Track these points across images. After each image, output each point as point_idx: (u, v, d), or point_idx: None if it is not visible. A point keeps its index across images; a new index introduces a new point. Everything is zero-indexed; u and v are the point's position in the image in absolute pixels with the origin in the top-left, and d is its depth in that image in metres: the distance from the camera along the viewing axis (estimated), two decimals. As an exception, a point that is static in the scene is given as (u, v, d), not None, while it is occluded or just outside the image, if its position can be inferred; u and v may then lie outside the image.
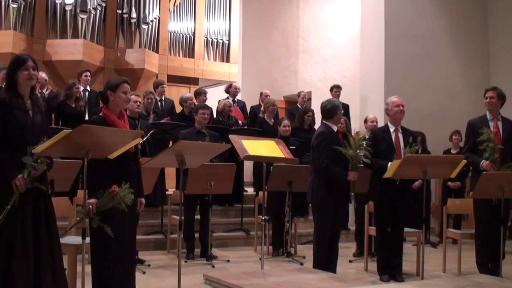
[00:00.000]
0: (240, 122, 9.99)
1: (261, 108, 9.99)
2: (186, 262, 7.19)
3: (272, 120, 9.55)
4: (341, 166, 5.87)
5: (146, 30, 11.69)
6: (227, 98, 10.46)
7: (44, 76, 9.25)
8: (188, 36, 12.55)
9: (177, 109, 10.18)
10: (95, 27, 11.08)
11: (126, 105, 5.03)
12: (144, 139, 6.61)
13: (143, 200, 4.76)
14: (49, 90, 9.08)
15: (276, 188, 7.37)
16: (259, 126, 9.31)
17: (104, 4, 11.24)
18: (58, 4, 10.78)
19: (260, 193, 7.93)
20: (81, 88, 9.03)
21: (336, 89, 10.79)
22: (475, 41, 11.67)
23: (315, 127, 8.97)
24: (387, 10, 10.77)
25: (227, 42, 12.99)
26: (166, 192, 8.72)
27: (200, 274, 6.02)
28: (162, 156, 4.95)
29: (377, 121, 8.42)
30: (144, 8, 11.73)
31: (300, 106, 10.86)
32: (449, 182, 9.19)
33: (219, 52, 12.93)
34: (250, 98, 12.15)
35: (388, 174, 5.79)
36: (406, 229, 6.50)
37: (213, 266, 7.01)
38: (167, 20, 12.16)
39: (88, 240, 4.45)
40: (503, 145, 6.17)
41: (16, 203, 3.87)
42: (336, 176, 5.89)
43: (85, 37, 10.81)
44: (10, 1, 10.24)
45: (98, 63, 11.05)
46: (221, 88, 11.75)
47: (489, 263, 6.25)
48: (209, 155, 5.72)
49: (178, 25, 12.40)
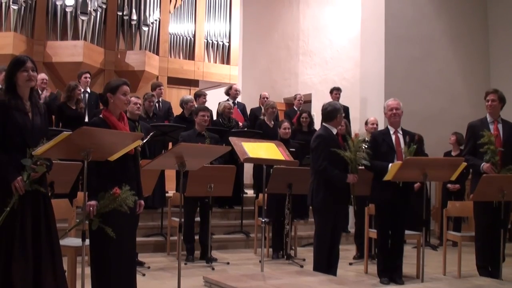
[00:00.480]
0: (240, 124, 9.99)
1: (262, 111, 9.99)
2: (186, 264, 7.18)
3: (272, 123, 9.55)
4: (340, 168, 5.85)
5: (147, 32, 11.69)
6: (227, 100, 10.47)
7: (45, 76, 9.26)
8: (189, 38, 12.56)
9: (176, 111, 10.17)
10: (96, 29, 11.09)
11: (126, 107, 5.02)
12: (144, 141, 6.61)
13: (142, 202, 4.76)
14: (48, 92, 9.05)
15: (276, 191, 7.37)
16: (259, 128, 9.31)
17: (104, 6, 11.25)
18: (59, 5, 10.78)
19: (260, 195, 7.93)
20: (82, 90, 9.03)
21: (336, 91, 10.80)
22: (475, 43, 11.68)
23: (316, 128, 8.96)
24: (387, 12, 10.77)
25: (227, 44, 12.99)
26: (166, 194, 8.73)
27: (200, 276, 6.01)
28: (162, 158, 4.96)
29: (378, 123, 8.43)
30: (144, 10, 11.74)
31: (296, 109, 10.88)
32: (448, 185, 9.18)
33: (220, 54, 12.93)
34: (250, 100, 12.15)
35: (388, 176, 5.79)
36: (406, 232, 6.48)
37: (213, 269, 7.01)
38: (167, 22, 12.17)
39: (88, 242, 4.45)
40: (504, 147, 6.17)
41: (15, 205, 3.87)
42: (334, 178, 5.87)
43: (85, 39, 10.82)
44: (11, 3, 10.25)
45: (98, 65, 11.05)
46: (221, 90, 11.75)
47: (489, 265, 6.24)
48: (209, 157, 5.72)
49: (179, 27, 12.41)
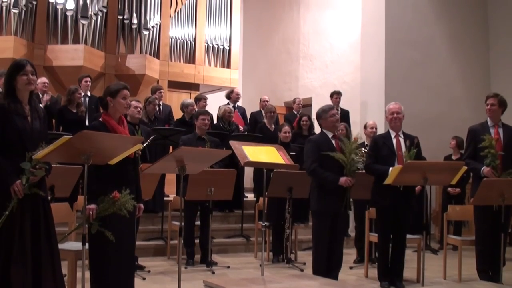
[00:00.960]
0: (241, 128, 9.99)
1: (262, 114, 10.01)
2: (186, 268, 7.17)
3: (273, 126, 9.56)
4: (334, 171, 5.80)
5: (147, 36, 11.70)
6: (228, 104, 10.47)
7: (46, 80, 9.26)
8: (189, 42, 12.58)
9: (176, 115, 10.17)
10: (96, 33, 11.10)
11: (126, 111, 5.04)
12: (145, 144, 6.61)
13: (141, 206, 4.77)
14: (49, 96, 9.05)
15: (276, 194, 7.37)
16: (260, 132, 9.31)
17: (105, 10, 11.27)
18: (59, 9, 10.80)
19: (261, 199, 7.93)
20: (82, 94, 9.03)
21: (336, 95, 10.79)
22: (475, 47, 11.68)
23: (316, 132, 8.95)
24: (388, 16, 10.78)
25: (227, 48, 13.01)
26: (166, 198, 8.72)
27: (200, 280, 5.99)
28: (162, 162, 4.95)
29: (377, 127, 8.40)
30: (145, 14, 11.75)
31: (296, 112, 10.88)
32: (449, 188, 9.18)
33: (220, 58, 12.94)
34: (251, 104, 12.16)
35: (389, 180, 5.78)
36: (406, 236, 6.48)
37: (213, 272, 7.01)
38: (168, 26, 12.18)
39: (87, 246, 4.45)
40: (504, 151, 6.17)
41: (14, 208, 3.87)
42: (325, 180, 5.83)
43: (86, 43, 10.83)
44: (11, 7, 10.28)
45: (98, 69, 11.06)
46: (222, 94, 11.76)
47: (489, 269, 6.24)
48: (209, 161, 5.72)
49: (179, 31, 12.42)
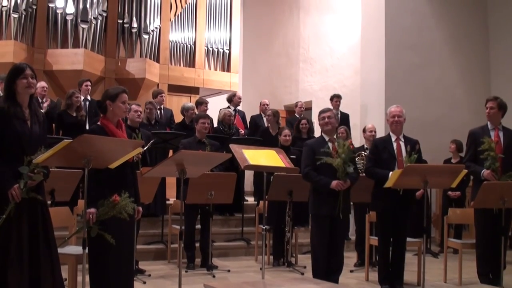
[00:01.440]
0: (242, 131, 9.99)
1: (263, 118, 10.01)
2: (186, 272, 7.17)
3: (276, 131, 9.57)
4: (329, 175, 5.80)
5: (147, 39, 11.71)
6: (228, 107, 10.47)
7: (45, 85, 9.27)
8: (189, 45, 12.58)
9: (177, 118, 10.19)
10: (96, 37, 11.11)
11: (125, 115, 5.05)
12: (145, 148, 6.61)
13: (140, 209, 4.78)
14: (48, 101, 9.05)
15: (276, 198, 7.37)
16: (261, 137, 9.30)
17: (105, 14, 11.28)
18: (59, 14, 10.81)
19: (261, 202, 7.92)
20: (82, 98, 9.04)
21: (336, 98, 10.79)
22: (476, 51, 11.69)
23: (315, 135, 8.95)
24: (387, 20, 10.80)
25: (227, 51, 13.01)
26: (167, 202, 8.72)
27: (201, 284, 5.99)
28: (162, 166, 4.95)
29: (376, 130, 8.39)
30: (145, 18, 11.76)
31: (298, 116, 10.87)
32: (449, 192, 9.18)
33: (220, 61, 12.95)
34: (251, 108, 12.16)
35: (389, 183, 5.77)
36: (407, 239, 6.47)
37: (214, 276, 7.00)
38: (168, 30, 12.19)
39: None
40: (504, 154, 6.17)
41: (11, 213, 3.86)
42: (318, 184, 5.85)
43: (86, 47, 10.84)
44: (11, 11, 10.29)
45: (98, 73, 11.07)
46: (222, 98, 11.78)
47: (490, 273, 6.23)
48: (209, 165, 5.72)
49: (179, 35, 12.43)
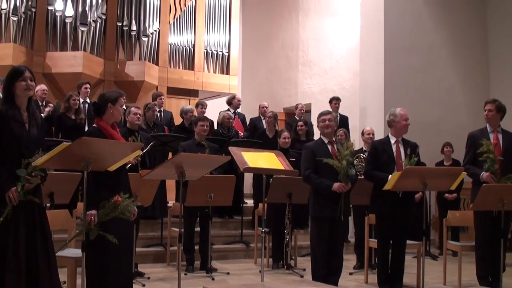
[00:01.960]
0: (241, 134, 9.99)
1: (262, 120, 10.01)
2: (186, 274, 7.16)
3: (273, 133, 9.56)
4: (329, 177, 5.80)
5: (146, 42, 11.73)
6: (228, 110, 10.47)
7: (45, 87, 9.27)
8: (188, 48, 12.60)
9: (177, 121, 10.19)
10: (95, 40, 11.13)
11: (120, 118, 5.09)
12: (144, 151, 6.61)
13: (135, 209, 4.78)
14: (51, 106, 9.02)
15: (276, 200, 7.36)
16: (259, 139, 9.30)
17: (104, 17, 11.30)
18: (58, 16, 10.83)
19: (260, 205, 7.91)
20: (81, 100, 9.04)
21: (335, 101, 10.77)
22: (475, 53, 11.69)
23: (315, 138, 8.95)
24: (386, 23, 10.80)
25: (227, 54, 13.04)
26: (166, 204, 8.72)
27: (200, 286, 6.00)
28: (161, 168, 4.95)
29: (374, 133, 8.39)
30: (144, 20, 11.79)
31: (298, 118, 10.85)
32: (446, 194, 9.17)
33: (219, 64, 12.97)
34: (250, 110, 12.16)
35: (388, 186, 5.77)
36: (406, 241, 6.47)
37: (213, 279, 6.99)
38: (167, 33, 12.21)
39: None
40: (503, 156, 6.18)
41: (9, 215, 3.85)
42: (319, 186, 5.85)
43: (85, 50, 10.85)
44: (10, 14, 10.31)
45: (98, 75, 11.08)
46: (221, 100, 11.78)
47: (489, 275, 6.22)
48: (208, 167, 5.72)
49: (178, 38, 12.45)
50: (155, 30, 11.96)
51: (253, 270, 7.70)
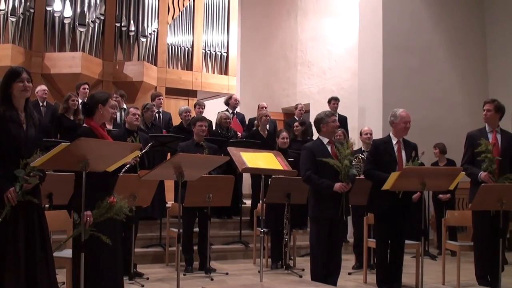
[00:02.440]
0: (239, 134, 9.99)
1: (255, 121, 9.99)
2: (184, 275, 7.16)
3: (266, 132, 9.56)
4: (330, 177, 5.79)
5: (145, 43, 11.73)
6: (227, 110, 10.47)
7: (45, 88, 9.27)
8: (187, 48, 12.60)
9: (175, 121, 10.19)
10: (94, 40, 11.12)
11: (109, 119, 5.14)
12: (143, 151, 6.61)
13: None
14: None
15: (274, 200, 7.36)
16: (253, 139, 9.29)
17: (102, 17, 11.29)
18: (57, 17, 10.83)
19: (259, 205, 7.92)
20: (80, 101, 9.02)
21: (334, 101, 10.76)
22: (473, 54, 11.70)
23: (314, 138, 8.95)
24: (385, 23, 10.80)
25: (225, 54, 13.03)
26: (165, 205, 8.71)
27: (199, 287, 6.01)
28: (160, 169, 4.96)
29: (372, 133, 8.36)
30: (142, 21, 11.78)
31: (297, 118, 10.84)
32: (439, 195, 9.17)
33: (218, 64, 12.96)
34: (249, 111, 12.16)
35: (387, 186, 5.76)
36: (405, 241, 6.47)
37: (212, 279, 6.99)
38: (165, 33, 12.20)
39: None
40: (501, 156, 6.18)
41: (7, 216, 3.86)
42: (320, 187, 5.83)
43: (83, 50, 10.84)
44: (9, 15, 10.30)
45: (96, 76, 11.07)
46: (220, 101, 11.78)
47: (488, 275, 6.23)
48: (207, 168, 5.72)
49: (177, 38, 12.45)
50: (154, 31, 11.95)
51: (252, 271, 7.70)
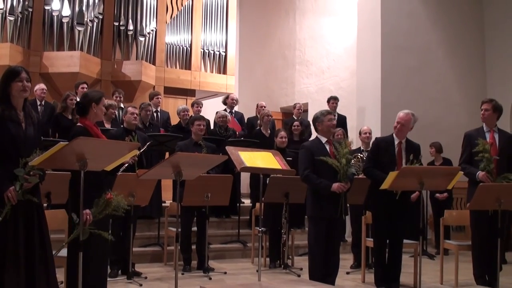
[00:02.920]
0: (237, 133, 9.98)
1: (258, 121, 10.00)
2: (183, 274, 7.16)
3: (269, 132, 9.55)
4: (328, 176, 5.77)
5: (143, 42, 11.72)
6: (225, 109, 10.47)
7: (44, 87, 9.26)
8: (185, 48, 12.59)
9: (174, 121, 10.18)
10: (92, 39, 11.11)
11: (102, 118, 5.16)
12: (141, 151, 6.61)
13: None
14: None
15: (273, 200, 7.36)
16: (255, 138, 9.29)
17: (101, 17, 11.28)
18: (55, 16, 10.81)
19: (257, 204, 7.92)
20: (74, 99, 9.00)
21: (333, 100, 10.75)
22: (472, 53, 11.71)
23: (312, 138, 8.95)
24: (383, 22, 10.80)
25: (223, 54, 13.03)
26: (163, 204, 8.71)
27: (197, 286, 6.00)
28: (159, 168, 4.96)
29: (371, 132, 8.37)
30: (141, 20, 11.77)
31: (296, 118, 10.83)
32: (436, 194, 9.18)
33: (216, 64, 12.96)
34: (247, 110, 12.16)
35: (385, 185, 5.77)
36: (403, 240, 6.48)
37: (210, 278, 6.99)
38: (164, 32, 12.19)
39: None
40: (499, 156, 6.18)
41: (7, 215, 3.85)
42: (318, 186, 5.81)
43: (82, 49, 10.84)
44: (7, 14, 10.28)
45: (95, 75, 11.07)
46: (218, 100, 11.78)
47: (486, 274, 6.23)
48: (205, 167, 5.72)
49: (175, 37, 12.44)
50: (152, 30, 11.95)
51: (250, 270, 7.71)
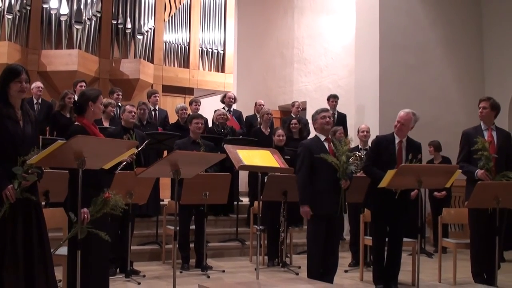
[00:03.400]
0: (236, 131, 9.97)
1: (257, 118, 9.99)
2: (181, 272, 7.17)
3: (268, 130, 9.55)
4: (328, 174, 5.75)
5: (141, 40, 11.71)
6: (223, 108, 10.47)
7: (40, 85, 9.25)
8: (183, 46, 12.58)
9: (172, 119, 10.18)
10: (90, 38, 11.10)
11: (100, 116, 5.14)
12: (139, 149, 6.61)
13: None
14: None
15: (271, 198, 7.36)
16: (254, 136, 9.29)
17: (99, 15, 11.27)
18: (53, 14, 10.80)
19: (255, 203, 7.92)
20: (72, 98, 9.00)
21: (332, 98, 10.74)
22: (470, 51, 11.71)
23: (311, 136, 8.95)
24: (382, 20, 10.80)
25: (222, 52, 13.02)
26: (161, 203, 8.71)
27: (195, 284, 5.99)
28: (157, 166, 4.95)
29: (369, 131, 8.34)
30: (139, 18, 11.76)
31: (294, 116, 10.81)
32: (435, 192, 9.18)
33: (214, 62, 12.95)
34: (246, 108, 12.15)
35: (383, 183, 5.76)
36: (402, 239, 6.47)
37: (208, 277, 6.99)
38: (162, 31, 12.19)
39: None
40: (497, 154, 6.18)
41: (6, 213, 3.85)
42: (304, 191, 5.81)
43: (80, 48, 10.83)
44: (5, 12, 10.27)
45: (93, 74, 11.06)
46: (217, 98, 11.78)
47: (484, 272, 6.24)
48: (204, 165, 5.72)
49: (173, 36, 12.43)
50: (150, 28, 11.93)
51: (249, 268, 7.71)
